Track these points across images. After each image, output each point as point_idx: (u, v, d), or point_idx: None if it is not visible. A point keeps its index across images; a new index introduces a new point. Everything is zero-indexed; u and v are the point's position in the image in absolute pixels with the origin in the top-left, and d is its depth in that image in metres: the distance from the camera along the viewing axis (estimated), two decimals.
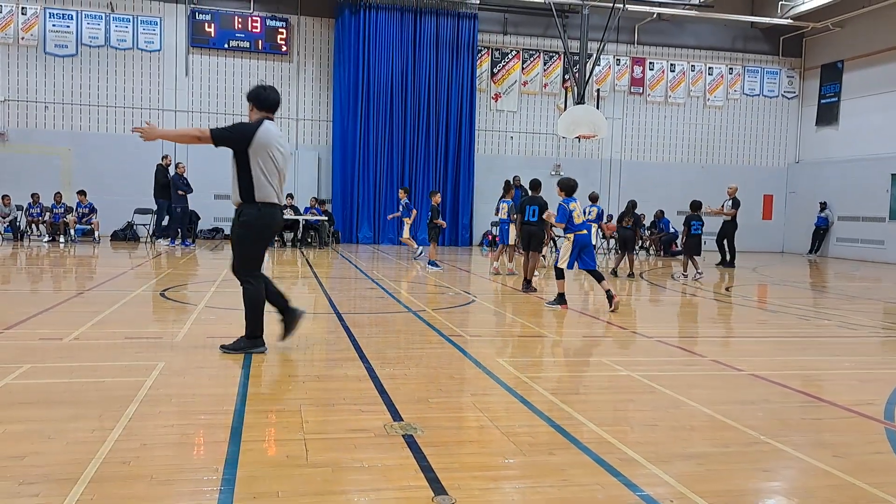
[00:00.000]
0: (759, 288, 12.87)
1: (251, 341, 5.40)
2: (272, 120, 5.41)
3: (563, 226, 8.62)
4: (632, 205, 13.66)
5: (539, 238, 10.67)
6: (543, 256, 12.17)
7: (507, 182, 13.30)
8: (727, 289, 12.09)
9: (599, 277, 8.60)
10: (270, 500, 2.80)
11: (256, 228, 5.29)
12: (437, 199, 13.46)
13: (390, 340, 6.37)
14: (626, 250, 13.29)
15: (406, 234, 16.16)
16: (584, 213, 10.32)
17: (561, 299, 8.60)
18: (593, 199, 14.28)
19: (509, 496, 2.94)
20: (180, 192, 17.00)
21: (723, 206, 16.49)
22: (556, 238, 13.95)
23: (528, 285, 10.30)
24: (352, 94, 20.51)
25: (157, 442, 3.42)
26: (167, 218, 17.32)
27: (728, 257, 16.13)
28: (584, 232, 8.70)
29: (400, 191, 16.19)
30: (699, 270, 12.91)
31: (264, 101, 5.38)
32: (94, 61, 19.42)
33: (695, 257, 12.94)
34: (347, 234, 20.78)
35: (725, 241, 16.15)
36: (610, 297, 8.32)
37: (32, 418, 3.71)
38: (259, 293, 5.36)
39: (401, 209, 15.72)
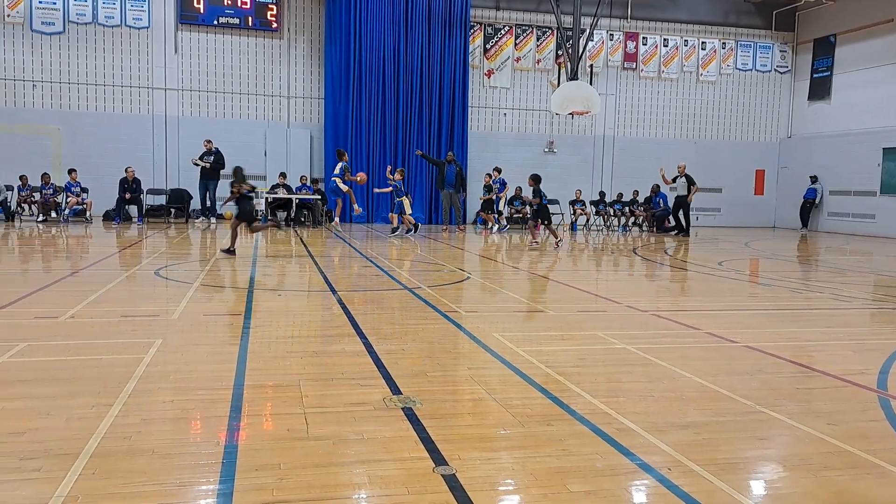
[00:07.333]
0: (751, 262, 12.95)
1: None
2: None
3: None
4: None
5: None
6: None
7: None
8: (720, 263, 12.16)
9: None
10: (272, 471, 2.82)
11: None
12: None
13: (387, 317, 6.38)
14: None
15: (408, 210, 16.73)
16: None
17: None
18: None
19: (509, 465, 2.97)
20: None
21: (674, 180, 19.18)
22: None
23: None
24: (343, 71, 20.24)
25: (157, 417, 3.43)
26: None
27: (684, 226, 18.96)
28: None
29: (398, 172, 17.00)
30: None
31: None
32: (81, 39, 19.08)
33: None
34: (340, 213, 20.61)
35: (681, 213, 19.02)
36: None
37: (30, 395, 3.71)
38: None
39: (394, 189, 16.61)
